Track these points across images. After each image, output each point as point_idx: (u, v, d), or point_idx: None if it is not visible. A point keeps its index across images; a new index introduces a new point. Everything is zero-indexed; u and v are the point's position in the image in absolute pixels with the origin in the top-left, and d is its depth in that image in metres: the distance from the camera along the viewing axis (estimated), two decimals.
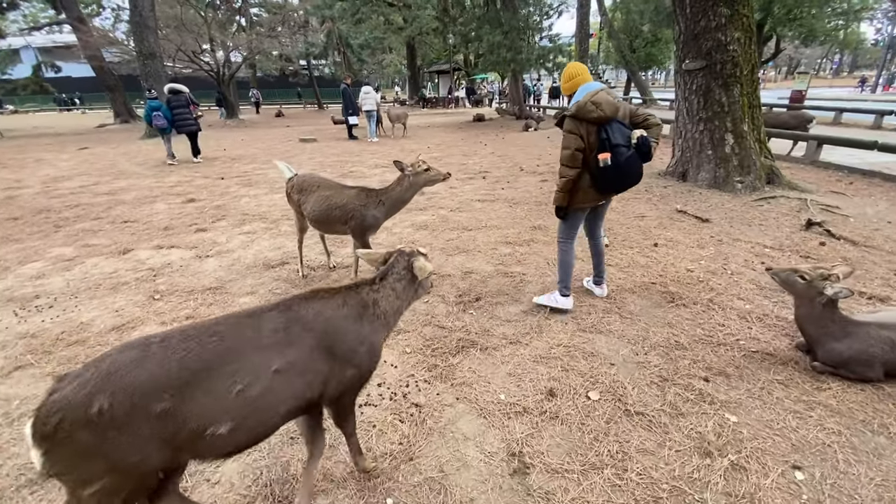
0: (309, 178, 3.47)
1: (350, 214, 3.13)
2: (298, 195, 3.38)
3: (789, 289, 2.39)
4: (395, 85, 48.10)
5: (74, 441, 1.06)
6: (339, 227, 3.23)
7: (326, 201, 3.20)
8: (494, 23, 15.42)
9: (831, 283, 2.22)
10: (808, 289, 2.28)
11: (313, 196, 3.27)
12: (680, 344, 2.57)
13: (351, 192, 3.21)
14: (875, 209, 4.91)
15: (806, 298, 2.31)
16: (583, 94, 2.59)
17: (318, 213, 3.22)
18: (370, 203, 3.15)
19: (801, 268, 2.35)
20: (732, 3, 5.40)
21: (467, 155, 9.93)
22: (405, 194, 3.24)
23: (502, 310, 3.03)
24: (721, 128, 5.68)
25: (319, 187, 3.31)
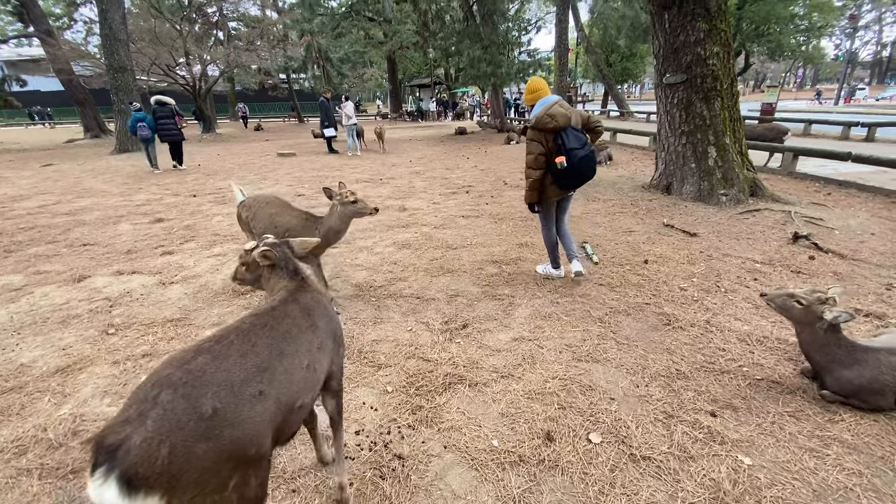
0: (260, 197, 3.47)
1: (292, 234, 3.12)
2: (247, 213, 3.36)
3: (786, 314, 2.26)
4: (377, 99, 48.18)
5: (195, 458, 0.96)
6: None
7: (271, 220, 3.24)
8: (474, 37, 15.52)
9: (829, 307, 2.09)
10: (806, 313, 2.15)
11: (262, 213, 3.29)
12: (681, 373, 2.41)
13: (294, 214, 3.30)
14: (857, 220, 4.93)
15: (805, 324, 2.19)
16: (540, 107, 3.15)
17: (264, 230, 3.18)
18: (308, 228, 3.15)
19: (796, 292, 2.23)
20: (711, 18, 5.44)
21: (450, 169, 9.81)
22: (339, 225, 3.18)
23: (492, 337, 2.83)
24: (703, 141, 5.68)
25: (268, 205, 3.35)
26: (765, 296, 2.35)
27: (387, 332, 2.93)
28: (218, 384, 1.06)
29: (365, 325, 3.02)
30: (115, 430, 0.93)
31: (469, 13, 16.61)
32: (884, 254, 4.01)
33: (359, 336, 2.88)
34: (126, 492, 0.87)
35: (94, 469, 0.89)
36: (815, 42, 30.83)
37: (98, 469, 0.89)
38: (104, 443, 0.91)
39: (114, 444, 0.90)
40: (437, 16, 19.19)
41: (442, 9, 19.32)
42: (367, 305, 3.32)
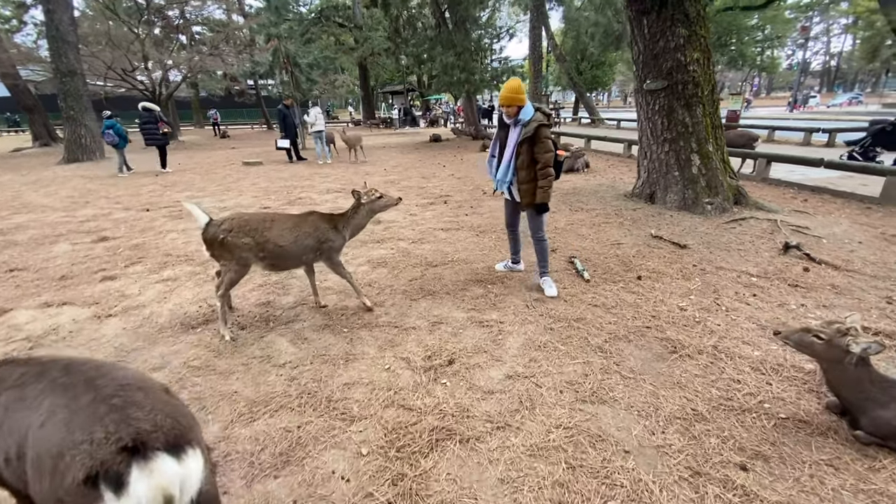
0: (247, 217, 2.94)
1: (325, 237, 3.08)
2: (235, 236, 2.80)
3: (807, 352, 2.02)
4: (349, 105, 47.47)
5: None
6: (306, 256, 3.11)
7: (293, 235, 2.97)
8: (447, 44, 15.32)
9: (854, 339, 1.86)
10: (830, 349, 1.91)
11: (273, 233, 2.92)
12: (699, 413, 2.13)
13: (318, 219, 3.14)
14: (841, 228, 4.87)
15: (831, 360, 1.95)
16: (532, 109, 3.23)
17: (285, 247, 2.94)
18: (339, 232, 3.17)
19: (812, 326, 2.00)
20: (690, 24, 5.34)
21: (426, 177, 9.47)
22: (364, 220, 3.31)
23: (482, 375, 2.48)
24: (686, 148, 5.56)
25: (275, 221, 2.99)
26: (779, 334, 2.10)
27: (361, 372, 2.54)
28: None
29: (336, 365, 2.61)
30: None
31: (441, 20, 16.41)
32: (875, 264, 3.91)
33: (328, 379, 2.47)
34: None
35: None
36: (771, 52, 32.39)
37: None
38: None
39: None
40: (408, 22, 18.92)
41: (413, 15, 19.07)
42: (339, 338, 2.91)
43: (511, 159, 3.29)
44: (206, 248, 2.87)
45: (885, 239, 4.56)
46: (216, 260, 2.95)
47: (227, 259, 2.86)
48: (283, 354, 2.74)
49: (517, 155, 3.26)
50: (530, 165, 3.23)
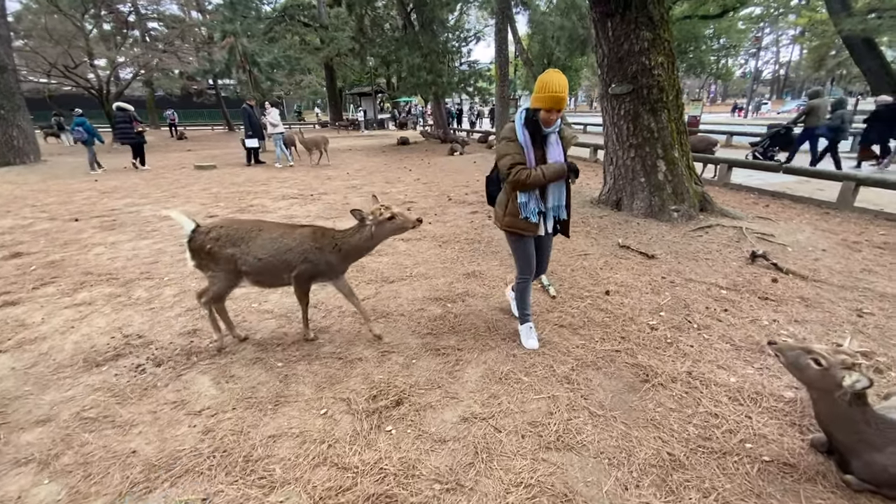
0: (235, 223, 2.65)
1: (303, 257, 2.58)
2: (233, 249, 2.53)
3: (798, 375, 1.81)
4: (316, 107, 46.36)
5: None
6: (286, 275, 2.65)
7: (275, 246, 2.57)
8: (413, 45, 15.02)
9: (850, 373, 1.65)
10: (824, 378, 1.70)
11: (257, 243, 2.56)
12: (676, 459, 1.87)
13: (302, 233, 2.66)
14: (804, 235, 4.85)
15: (821, 390, 1.74)
16: None
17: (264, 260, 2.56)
18: (325, 248, 2.63)
19: (815, 348, 1.77)
20: (654, 27, 5.23)
21: (391, 182, 9.10)
22: (369, 243, 2.69)
23: (434, 419, 2.15)
24: (652, 154, 5.44)
25: (261, 230, 2.62)
26: (773, 345, 1.88)
27: (291, 419, 2.16)
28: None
29: (262, 410, 2.22)
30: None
31: (407, 21, 16.10)
32: (841, 273, 3.85)
33: (251, 430, 2.08)
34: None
35: None
36: (726, 61, 33.84)
37: None
38: None
39: None
40: (374, 23, 18.50)
41: (380, 16, 18.68)
42: (271, 375, 2.51)
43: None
44: (192, 257, 2.61)
45: (847, 246, 4.55)
46: (201, 270, 2.65)
47: (214, 270, 2.60)
48: (202, 398, 2.32)
49: None
50: None
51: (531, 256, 2.67)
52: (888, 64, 11.30)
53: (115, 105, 11.30)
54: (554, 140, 2.45)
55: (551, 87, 2.23)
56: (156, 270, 4.19)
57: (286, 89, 29.29)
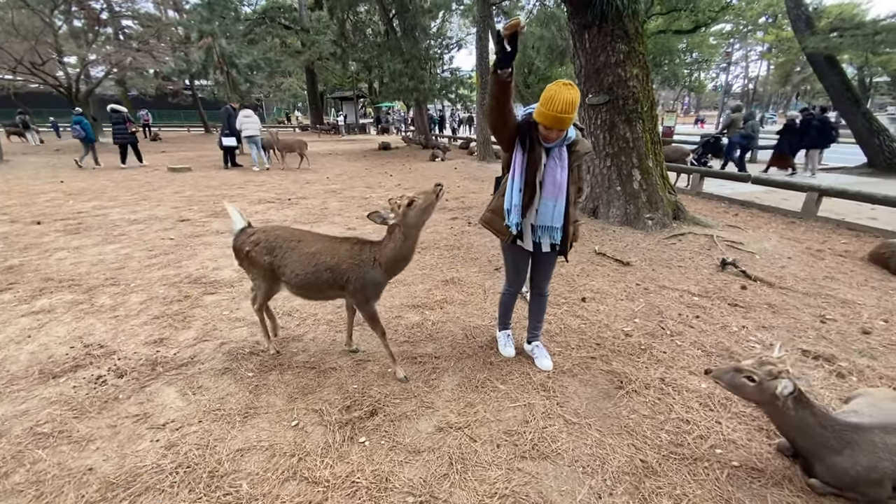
0: (277, 230, 2.53)
1: (345, 277, 2.34)
2: (259, 251, 2.44)
3: (740, 394, 1.85)
4: (296, 110, 45.88)
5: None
6: (331, 291, 2.46)
7: (313, 261, 2.36)
8: (395, 51, 15.04)
9: (778, 380, 1.70)
10: (761, 391, 1.75)
11: (294, 255, 2.40)
12: (648, 466, 1.89)
13: (343, 247, 2.41)
14: (771, 244, 5.02)
15: (765, 404, 1.79)
16: None
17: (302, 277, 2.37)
18: (366, 263, 2.34)
19: (743, 366, 1.82)
20: (629, 40, 5.37)
21: (371, 187, 9.04)
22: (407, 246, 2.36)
23: (409, 429, 2.11)
24: (628, 163, 5.56)
25: (300, 241, 2.45)
26: (710, 373, 1.91)
27: (261, 431, 2.09)
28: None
29: (231, 423, 2.14)
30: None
31: (390, 27, 16.12)
32: (805, 280, 4.00)
33: (217, 444, 2.00)
34: None
35: None
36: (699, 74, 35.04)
37: None
38: None
39: None
40: (356, 27, 18.45)
41: (362, 20, 18.64)
42: (241, 386, 2.43)
43: (565, 196, 2.24)
44: (235, 256, 2.62)
45: (811, 254, 4.73)
46: (245, 271, 2.66)
47: (253, 274, 2.59)
48: (167, 411, 2.23)
49: None
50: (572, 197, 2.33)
51: (520, 270, 2.57)
52: (849, 80, 11.89)
53: (110, 107, 11.60)
54: (556, 154, 2.17)
55: (556, 105, 1.93)
56: (122, 276, 4.02)
57: (266, 91, 28.88)
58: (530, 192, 2.23)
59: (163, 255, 4.63)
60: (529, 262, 2.54)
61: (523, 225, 2.31)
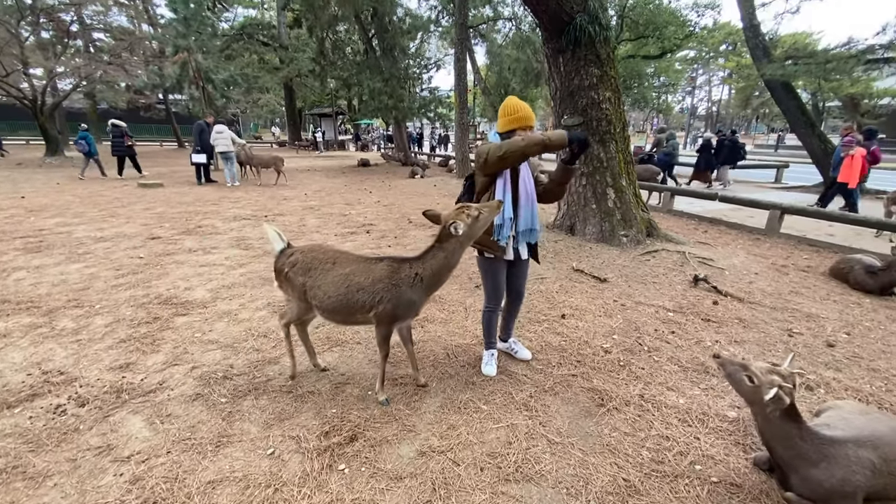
0: (315, 249, 2.48)
1: (378, 297, 2.23)
2: (295, 272, 2.38)
3: (736, 387, 1.90)
4: (274, 125, 45.53)
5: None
6: (361, 315, 2.33)
7: (346, 284, 2.28)
8: (374, 70, 15.19)
9: (770, 387, 1.75)
10: (755, 393, 1.80)
11: (327, 278, 2.32)
12: (631, 485, 1.89)
13: (378, 267, 2.31)
14: (739, 259, 5.22)
15: (753, 405, 1.84)
16: None
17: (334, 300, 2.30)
18: (404, 283, 2.25)
19: (752, 366, 1.87)
20: (601, 64, 5.59)
21: (350, 204, 8.98)
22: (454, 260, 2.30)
23: (391, 454, 2.06)
24: (602, 182, 5.73)
25: (335, 263, 2.37)
26: (718, 358, 1.96)
27: (234, 461, 1.99)
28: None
29: (202, 453, 2.04)
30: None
31: (369, 46, 16.31)
32: (772, 295, 4.16)
33: (187, 476, 1.89)
34: None
35: None
36: (666, 97, 36.74)
37: None
38: None
39: None
40: (335, 46, 18.60)
41: (341, 39, 18.82)
42: (213, 413, 2.33)
43: (535, 203, 2.52)
44: (276, 277, 2.53)
45: (776, 269, 4.94)
46: (283, 293, 2.58)
47: (290, 295, 2.50)
48: (132, 441, 2.10)
49: None
50: None
51: (501, 284, 2.64)
52: (803, 105, 12.69)
53: (111, 122, 12.23)
54: (524, 165, 2.47)
55: (515, 108, 2.37)
56: (86, 297, 3.83)
57: (243, 107, 28.58)
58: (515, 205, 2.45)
59: (131, 274, 4.44)
60: (506, 273, 2.65)
61: (533, 235, 2.55)
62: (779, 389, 1.72)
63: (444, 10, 17.51)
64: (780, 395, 1.71)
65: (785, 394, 1.73)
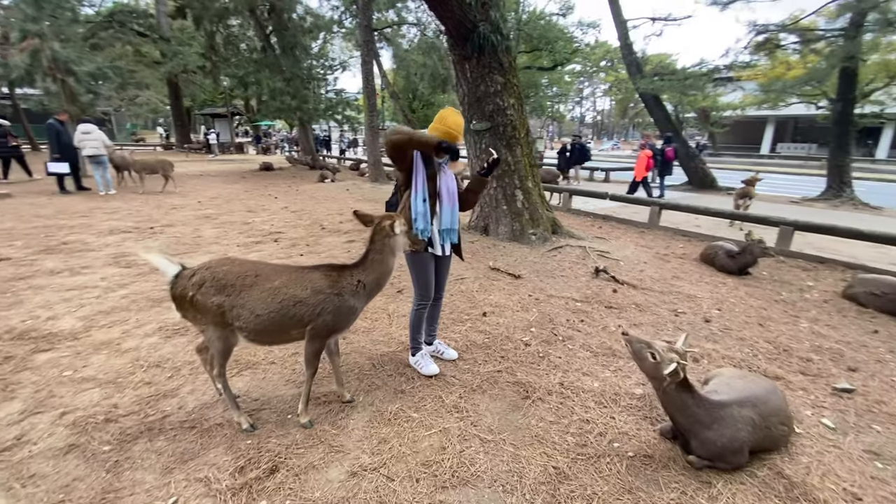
0: (224, 264, 2.13)
1: (319, 309, 2.08)
2: (220, 297, 2.01)
3: (639, 363, 2.10)
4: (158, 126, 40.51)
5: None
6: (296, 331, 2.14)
7: (276, 297, 2.05)
8: (274, 69, 14.27)
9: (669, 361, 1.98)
10: (656, 369, 2.01)
11: (252, 294, 2.04)
12: (560, 471, 1.98)
13: (314, 276, 2.15)
14: (630, 251, 5.85)
15: (654, 379, 2.05)
16: None
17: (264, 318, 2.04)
18: (346, 290, 2.15)
19: (655, 344, 2.07)
20: (505, 73, 5.88)
21: (253, 211, 8.29)
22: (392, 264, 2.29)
23: (318, 480, 1.90)
24: (511, 185, 6.02)
25: (257, 276, 2.09)
26: (626, 336, 2.13)
27: None
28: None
29: None
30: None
31: (267, 44, 15.28)
32: (659, 280, 4.72)
33: None
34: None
35: None
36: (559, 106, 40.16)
37: None
38: None
39: None
40: (228, 41, 17.09)
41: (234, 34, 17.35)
42: (93, 466, 1.94)
43: (457, 203, 2.64)
44: (176, 308, 2.12)
45: (660, 258, 5.62)
46: (192, 323, 2.17)
47: (204, 323, 2.08)
48: None
49: None
50: None
51: (431, 278, 2.70)
52: (669, 115, 14.73)
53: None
54: (447, 168, 2.61)
55: (448, 122, 2.50)
56: None
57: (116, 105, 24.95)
58: (433, 202, 2.55)
59: None
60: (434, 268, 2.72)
61: (431, 232, 2.57)
62: (676, 364, 1.93)
63: (347, 10, 17.09)
64: (677, 370, 1.92)
65: (680, 368, 1.94)
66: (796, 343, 3.34)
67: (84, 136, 9.03)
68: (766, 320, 3.77)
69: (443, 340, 3.11)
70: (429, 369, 2.76)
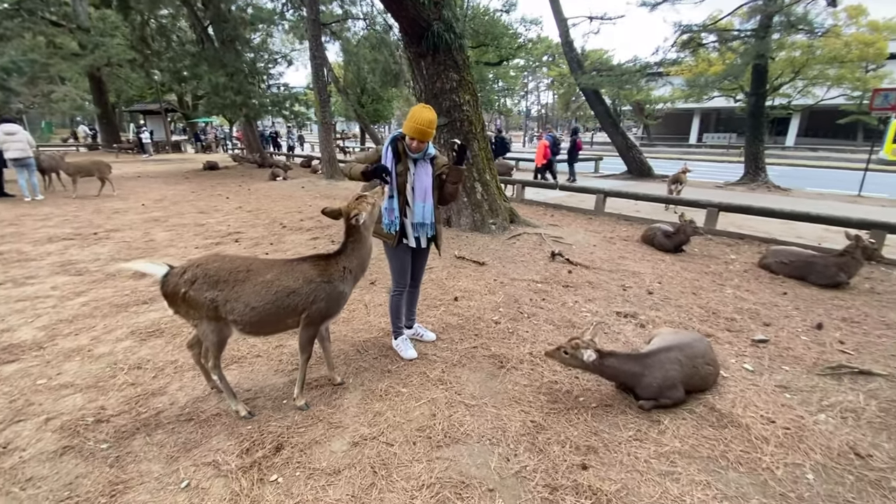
0: (213, 260, 2.19)
1: (312, 297, 2.22)
2: (213, 292, 2.09)
3: (569, 366, 2.48)
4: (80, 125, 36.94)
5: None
6: (290, 320, 2.27)
7: (270, 290, 2.16)
8: (214, 63, 13.61)
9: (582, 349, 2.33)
10: (575, 359, 2.37)
11: (246, 289, 2.14)
12: (537, 424, 2.28)
13: (303, 268, 2.27)
14: (581, 236, 6.34)
15: (585, 368, 2.42)
16: None
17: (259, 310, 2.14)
18: (334, 278, 2.28)
19: (562, 345, 2.43)
20: (459, 70, 6.12)
21: (206, 212, 8.00)
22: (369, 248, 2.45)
23: (322, 452, 2.06)
24: (470, 178, 6.29)
25: (249, 271, 2.18)
26: (547, 354, 2.49)
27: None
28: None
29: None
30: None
31: (204, 36, 14.52)
32: (608, 261, 5.20)
33: None
34: None
35: None
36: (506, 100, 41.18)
37: None
38: None
39: None
40: (159, 32, 16.03)
41: (165, 26, 16.28)
42: (93, 462, 1.98)
43: (431, 198, 2.74)
44: (169, 304, 2.19)
45: (607, 241, 6.15)
46: (185, 319, 2.23)
47: (197, 318, 2.16)
48: None
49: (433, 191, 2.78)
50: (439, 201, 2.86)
51: (406, 267, 2.87)
52: (609, 108, 15.70)
53: None
54: (421, 165, 2.68)
55: (418, 119, 2.50)
56: None
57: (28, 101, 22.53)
58: (403, 197, 2.67)
59: None
60: (411, 259, 2.87)
61: (406, 225, 2.72)
62: (590, 351, 2.29)
63: (290, 3, 16.56)
64: (590, 354, 2.28)
65: (592, 350, 2.30)
66: (722, 306, 3.89)
67: (7, 138, 8.23)
68: (698, 289, 4.32)
69: (422, 324, 3.32)
70: (407, 354, 2.95)
